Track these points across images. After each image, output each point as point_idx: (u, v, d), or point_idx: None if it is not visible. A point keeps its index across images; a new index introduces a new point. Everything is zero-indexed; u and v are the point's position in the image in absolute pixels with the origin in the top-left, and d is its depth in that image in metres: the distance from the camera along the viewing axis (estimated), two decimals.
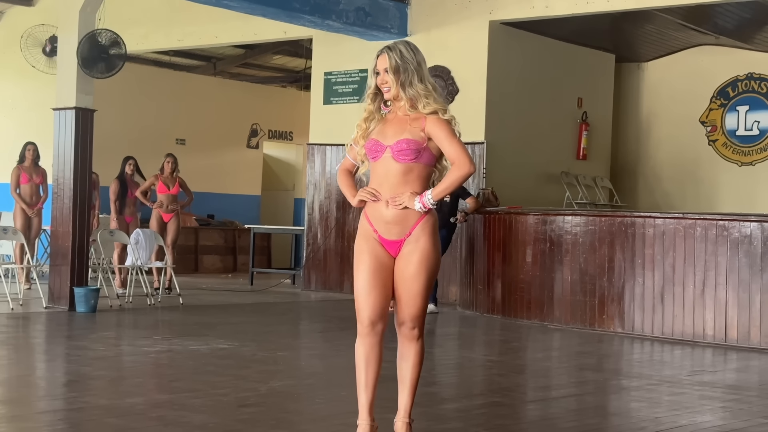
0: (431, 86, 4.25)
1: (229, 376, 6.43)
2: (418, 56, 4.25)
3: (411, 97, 4.22)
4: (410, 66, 4.22)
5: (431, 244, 4.21)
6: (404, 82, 4.22)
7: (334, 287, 13.39)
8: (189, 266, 16.05)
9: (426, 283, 4.24)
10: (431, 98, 4.23)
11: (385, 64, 4.26)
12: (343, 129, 13.32)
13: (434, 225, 4.25)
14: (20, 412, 5.27)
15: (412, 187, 4.20)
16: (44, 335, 8.75)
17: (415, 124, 4.22)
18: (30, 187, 12.04)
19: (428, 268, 4.22)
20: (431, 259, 4.21)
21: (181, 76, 17.95)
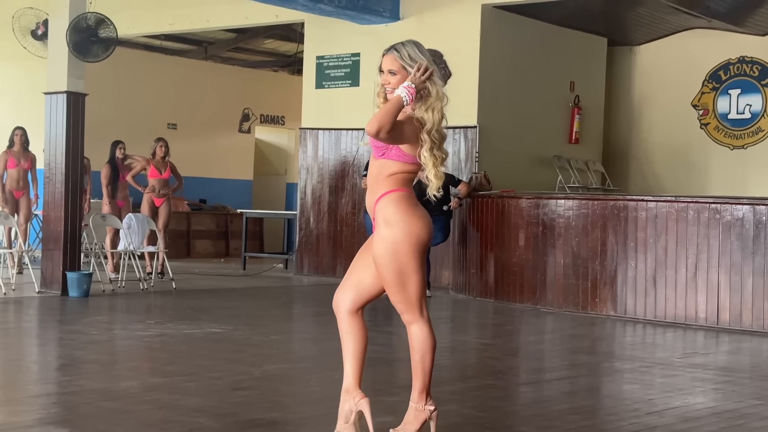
0: (441, 94, 4.14)
1: (223, 360, 6.44)
2: (426, 57, 4.15)
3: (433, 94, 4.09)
4: (434, 69, 4.14)
5: (387, 232, 4.05)
6: (432, 82, 4.14)
7: (327, 272, 13.39)
8: (181, 251, 16.03)
9: (391, 271, 4.06)
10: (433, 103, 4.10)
11: (389, 66, 4.16)
12: (336, 113, 13.42)
13: (392, 212, 4.07)
14: (13, 395, 5.26)
15: (383, 184, 4.09)
16: (37, 320, 8.74)
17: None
18: (18, 171, 12.00)
19: (386, 255, 4.05)
20: (388, 246, 4.04)
21: (173, 60, 17.88)
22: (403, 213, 4.06)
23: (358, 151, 13.11)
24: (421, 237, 4.06)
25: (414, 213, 4.08)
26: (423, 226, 4.09)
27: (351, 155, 13.24)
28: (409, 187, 4.14)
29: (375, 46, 13.01)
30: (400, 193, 4.09)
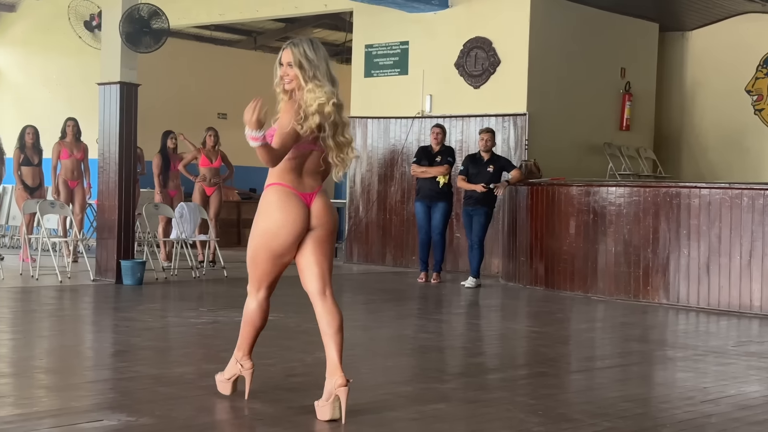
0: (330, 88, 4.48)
1: (275, 347, 6.49)
2: (319, 54, 4.52)
3: (314, 88, 4.45)
4: (312, 63, 4.48)
5: (256, 219, 4.62)
6: (308, 77, 4.46)
7: (376, 260, 13.43)
8: (232, 240, 16.14)
9: (248, 249, 4.74)
10: (318, 91, 4.45)
11: (289, 59, 4.51)
12: (385, 101, 13.44)
13: (264, 202, 4.56)
14: (71, 381, 5.35)
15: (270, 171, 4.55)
16: (92, 307, 8.86)
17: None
18: (71, 162, 12.16)
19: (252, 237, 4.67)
20: (255, 231, 4.64)
21: (223, 50, 18.01)
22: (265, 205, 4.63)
23: (407, 139, 13.12)
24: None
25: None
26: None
27: (400, 143, 13.25)
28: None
29: (424, 34, 13.03)
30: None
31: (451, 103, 12.80)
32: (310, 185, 4.56)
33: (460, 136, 12.67)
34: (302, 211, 4.52)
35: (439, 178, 11.02)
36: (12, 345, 6.57)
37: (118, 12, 9.99)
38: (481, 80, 12.51)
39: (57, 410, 4.58)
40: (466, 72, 12.64)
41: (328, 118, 4.44)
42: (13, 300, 8.95)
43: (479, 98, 12.54)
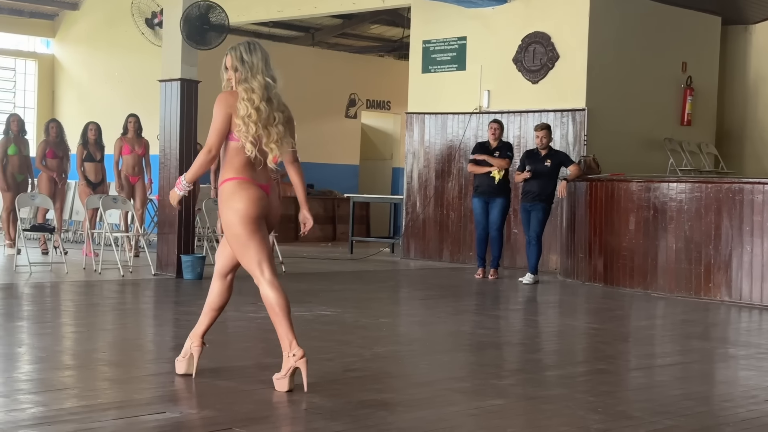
0: (258, 84, 4.89)
1: (334, 342, 6.52)
2: (254, 57, 4.94)
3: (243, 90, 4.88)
4: (246, 65, 4.91)
5: (223, 212, 4.98)
6: (240, 79, 4.90)
7: (433, 256, 13.43)
8: (289, 235, 16.23)
9: (232, 245, 5.05)
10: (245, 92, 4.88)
11: (229, 63, 4.98)
12: (442, 97, 13.42)
13: (223, 195, 4.94)
14: (133, 374, 5.44)
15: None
16: (153, 301, 8.99)
17: None
18: (132, 157, 12.32)
19: (226, 233, 5.00)
20: (226, 226, 4.98)
21: (280, 47, 18.11)
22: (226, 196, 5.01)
23: (464, 134, 13.09)
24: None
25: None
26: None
27: (457, 139, 13.22)
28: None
29: (482, 29, 12.99)
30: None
31: (509, 98, 12.74)
32: (264, 177, 5.02)
33: (517, 132, 12.61)
34: (262, 193, 4.97)
35: (494, 173, 10.98)
36: (75, 338, 6.69)
37: (179, 10, 10.11)
38: (540, 75, 12.44)
39: (120, 402, 4.65)
40: (524, 67, 12.57)
41: (258, 120, 4.86)
42: (76, 294, 9.11)
43: (537, 93, 12.46)
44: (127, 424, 4.14)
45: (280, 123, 4.98)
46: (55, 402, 4.58)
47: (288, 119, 5.05)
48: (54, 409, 4.40)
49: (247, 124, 4.85)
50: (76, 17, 18.14)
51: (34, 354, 5.84)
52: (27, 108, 18.17)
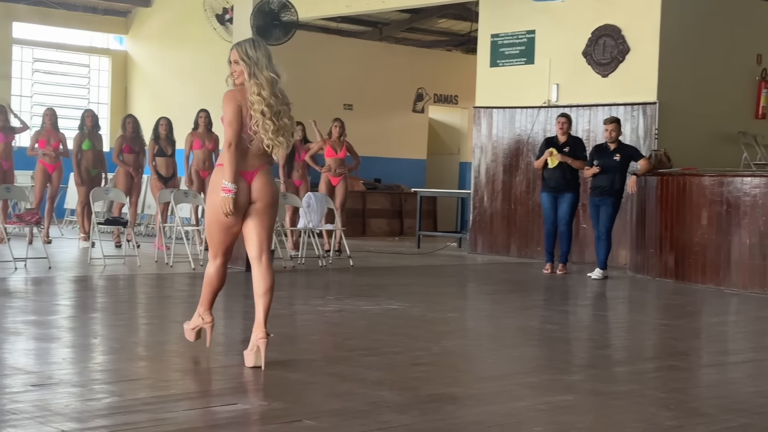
0: (266, 79, 5.19)
1: (402, 336, 6.54)
2: (258, 53, 5.23)
3: (254, 84, 5.18)
4: (252, 60, 5.20)
5: (209, 195, 5.35)
6: (249, 73, 5.19)
7: (501, 250, 13.37)
8: (357, 229, 16.33)
9: (207, 222, 5.40)
10: (256, 87, 5.17)
11: (235, 57, 5.27)
12: (510, 91, 13.34)
13: (212, 178, 5.31)
14: (204, 366, 5.51)
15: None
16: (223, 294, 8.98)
17: None
18: (203, 152, 12.47)
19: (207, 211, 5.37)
20: (208, 206, 5.34)
21: (348, 41, 18.20)
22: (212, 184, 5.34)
23: (532, 129, 13.00)
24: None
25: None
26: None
27: (525, 134, 13.15)
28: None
29: (551, 23, 12.88)
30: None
31: (578, 92, 12.62)
32: (252, 164, 5.22)
33: (587, 126, 12.49)
34: (242, 187, 5.18)
35: (550, 159, 10.88)
36: (148, 329, 6.81)
37: (249, 5, 10.21)
38: (610, 68, 12.29)
39: (192, 393, 4.73)
40: (594, 60, 12.44)
41: (271, 114, 5.16)
42: (148, 286, 9.27)
43: (607, 87, 12.32)
44: (200, 415, 4.20)
45: (286, 116, 5.27)
46: (129, 392, 4.67)
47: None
48: (128, 399, 4.48)
49: (263, 118, 5.16)
50: (148, 14, 18.42)
51: (108, 345, 5.96)
52: (101, 104, 18.52)
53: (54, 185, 12.86)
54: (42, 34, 18.16)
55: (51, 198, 12.97)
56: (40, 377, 4.85)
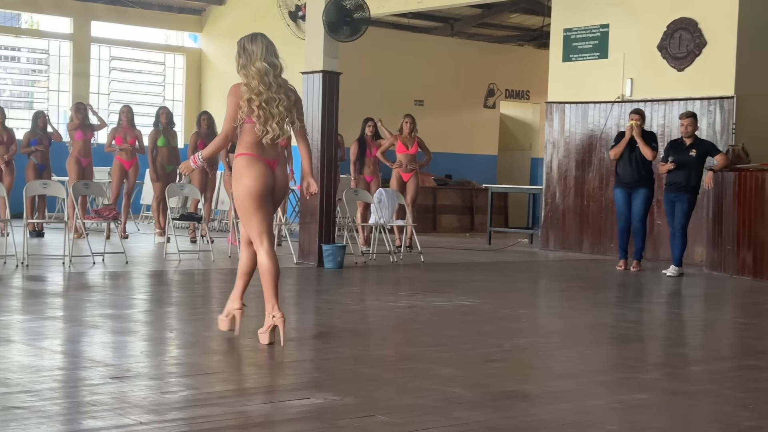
0: (256, 69, 5.54)
1: (473, 332, 6.53)
2: (254, 45, 5.58)
3: (243, 76, 5.62)
4: (246, 53, 5.59)
5: (234, 185, 5.64)
6: (241, 65, 5.63)
7: (573, 247, 13.25)
8: (427, 225, 16.33)
9: (240, 214, 5.68)
10: (245, 78, 5.60)
11: (236, 51, 5.67)
12: (583, 86, 13.20)
13: (235, 168, 5.61)
14: (278, 360, 5.56)
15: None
16: (295, 289, 9.15)
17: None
18: None
19: (236, 203, 5.68)
20: (235, 197, 5.64)
21: (419, 37, 18.18)
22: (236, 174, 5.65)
23: (606, 124, 12.86)
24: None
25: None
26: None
27: (599, 129, 13.00)
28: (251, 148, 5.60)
29: (624, 16, 12.71)
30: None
31: (652, 86, 12.44)
32: (270, 154, 5.58)
33: (662, 121, 12.31)
34: (267, 170, 5.55)
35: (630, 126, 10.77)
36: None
37: (321, 3, 10.26)
38: (686, 62, 12.09)
39: (266, 387, 4.78)
40: (669, 54, 12.25)
41: (260, 102, 5.51)
42: (222, 281, 9.38)
43: (683, 81, 12.13)
44: (274, 409, 4.25)
45: (282, 105, 5.56)
46: (204, 385, 4.74)
47: (296, 101, 5.71)
48: (203, 392, 4.55)
49: (249, 107, 5.50)
50: (222, 12, 18.65)
51: (183, 339, 6.05)
52: (175, 101, 18.81)
53: (130, 181, 13.10)
54: (119, 32, 18.51)
55: (127, 194, 13.21)
56: (119, 370, 4.95)
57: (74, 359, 5.29)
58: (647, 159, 10.81)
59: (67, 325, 6.33)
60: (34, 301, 7.53)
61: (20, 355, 5.27)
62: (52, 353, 5.39)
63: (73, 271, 9.25)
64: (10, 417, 3.89)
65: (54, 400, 4.24)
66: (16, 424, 3.79)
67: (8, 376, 4.64)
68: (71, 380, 4.73)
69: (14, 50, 17.96)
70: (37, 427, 3.77)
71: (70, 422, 3.93)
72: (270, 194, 5.59)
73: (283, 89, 5.61)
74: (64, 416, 4.01)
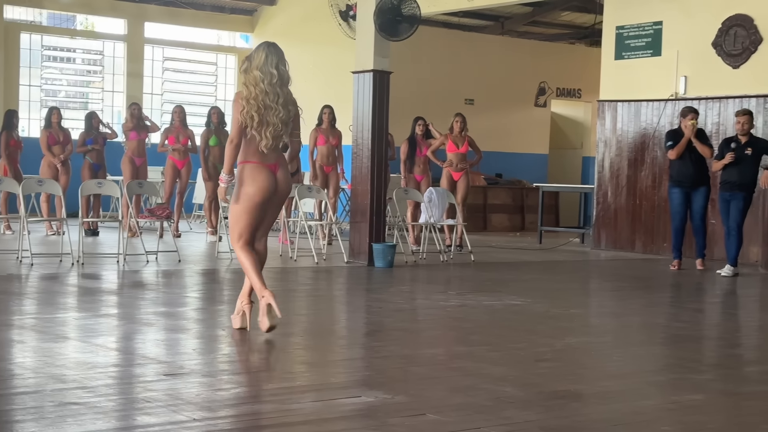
0: (252, 76, 5.79)
1: (524, 332, 6.50)
2: (257, 53, 5.87)
3: (241, 84, 5.93)
4: (249, 61, 5.88)
5: (236, 188, 5.89)
6: (242, 71, 5.92)
7: (625, 246, 13.13)
8: (477, 224, 16.28)
9: (231, 211, 5.94)
10: (243, 86, 5.88)
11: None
12: (636, 84, 13.07)
13: (239, 175, 5.86)
14: (328, 358, 5.59)
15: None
16: (346, 288, 9.20)
17: None
18: (327, 148, 12.64)
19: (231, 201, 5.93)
20: (234, 196, 5.89)
21: (470, 36, 18.14)
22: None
23: (659, 122, 12.72)
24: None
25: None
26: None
27: (651, 127, 12.87)
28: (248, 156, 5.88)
29: (679, 13, 12.57)
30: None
31: (707, 84, 12.28)
32: (272, 158, 5.83)
33: (716, 119, 12.15)
34: (270, 177, 5.81)
35: (689, 125, 10.63)
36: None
37: (372, 2, 10.28)
38: (741, 60, 11.92)
39: (317, 385, 4.80)
40: (724, 51, 12.08)
41: (250, 110, 5.75)
42: (273, 280, 9.43)
43: (738, 79, 11.95)
44: (325, 407, 4.26)
45: (278, 116, 5.77)
46: (256, 383, 4.77)
47: (294, 116, 5.94)
48: (255, 390, 4.58)
49: (243, 114, 5.75)
50: (273, 12, 18.77)
51: (235, 336, 6.10)
52: (227, 101, 18.94)
53: (183, 181, 13.23)
54: (172, 33, 18.72)
55: (180, 193, 13.35)
56: (172, 367, 5.01)
57: (128, 356, 5.36)
58: (705, 157, 10.69)
59: (121, 323, 6.42)
60: (89, 299, 7.64)
61: (76, 352, 5.36)
62: (107, 350, 5.47)
63: (127, 269, 9.37)
64: (66, 412, 3.95)
65: (109, 397, 4.30)
66: (73, 419, 3.85)
67: (65, 373, 4.72)
68: (125, 377, 4.79)
69: (70, 51, 18.25)
70: (93, 422, 3.82)
71: (125, 418, 3.98)
72: (268, 202, 5.86)
73: (283, 100, 5.80)
74: (118, 412, 4.06)
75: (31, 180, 10.76)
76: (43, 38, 17.60)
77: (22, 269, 8.99)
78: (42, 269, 9.06)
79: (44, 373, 4.69)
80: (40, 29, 17.64)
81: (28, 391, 4.34)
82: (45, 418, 3.88)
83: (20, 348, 5.48)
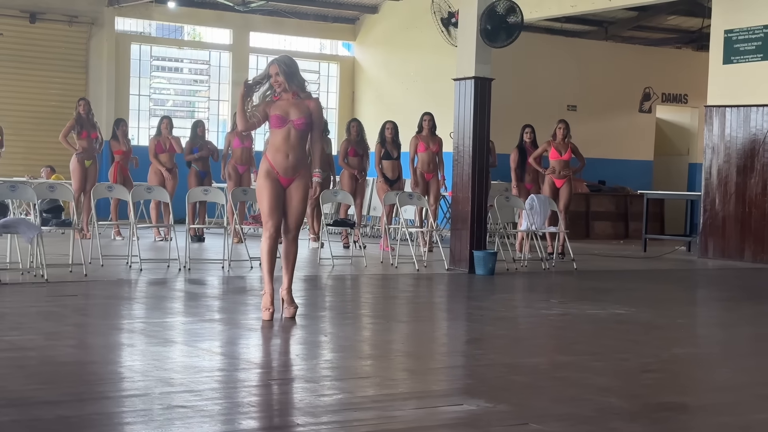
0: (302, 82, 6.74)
1: (629, 341, 6.39)
2: (293, 66, 6.73)
3: (293, 91, 6.70)
4: (290, 71, 6.68)
5: (306, 184, 6.74)
6: (290, 81, 6.67)
7: (734, 255, 12.79)
8: (580, 232, 16.07)
9: (304, 206, 6.78)
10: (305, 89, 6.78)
11: (276, 70, 6.66)
12: (746, 89, 12.74)
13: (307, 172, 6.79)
14: (429, 366, 5.59)
15: (303, 147, 6.75)
16: (446, 295, 9.18)
17: (303, 106, 6.72)
18: (427, 155, 12.63)
19: (306, 198, 6.75)
20: (307, 192, 6.74)
21: (572, 42, 17.95)
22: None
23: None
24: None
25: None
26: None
27: (761, 133, 12.52)
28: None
29: None
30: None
31: None
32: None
33: None
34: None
35: None
36: (374, 328, 6.96)
37: (474, 9, 10.26)
38: None
39: (418, 392, 4.80)
40: None
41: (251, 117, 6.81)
42: (374, 286, 9.49)
43: None
44: (427, 414, 4.26)
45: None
46: (357, 389, 4.80)
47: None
48: (357, 396, 4.61)
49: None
50: (375, 20, 18.90)
51: (337, 342, 6.15)
52: (329, 108, 19.16)
53: None
54: (276, 42, 19.01)
55: None
56: (276, 372, 5.07)
57: (233, 361, 5.45)
58: None
59: (226, 328, 6.53)
60: (194, 304, 7.80)
61: (182, 356, 5.47)
62: (212, 354, 5.58)
63: (232, 274, 9.53)
64: (174, 415, 4.04)
65: (215, 400, 4.38)
66: (180, 422, 3.94)
67: (172, 376, 4.83)
68: (231, 381, 4.87)
69: (177, 61, 18.69)
70: (199, 425, 3.90)
71: (230, 422, 4.05)
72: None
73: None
74: (224, 416, 4.14)
75: (141, 187, 11.04)
76: (152, 49, 18.09)
77: (132, 274, 9.23)
78: (150, 274, 9.28)
79: (153, 376, 4.81)
80: (150, 40, 18.14)
81: (138, 393, 4.46)
82: (153, 420, 3.98)
83: (129, 351, 5.63)
